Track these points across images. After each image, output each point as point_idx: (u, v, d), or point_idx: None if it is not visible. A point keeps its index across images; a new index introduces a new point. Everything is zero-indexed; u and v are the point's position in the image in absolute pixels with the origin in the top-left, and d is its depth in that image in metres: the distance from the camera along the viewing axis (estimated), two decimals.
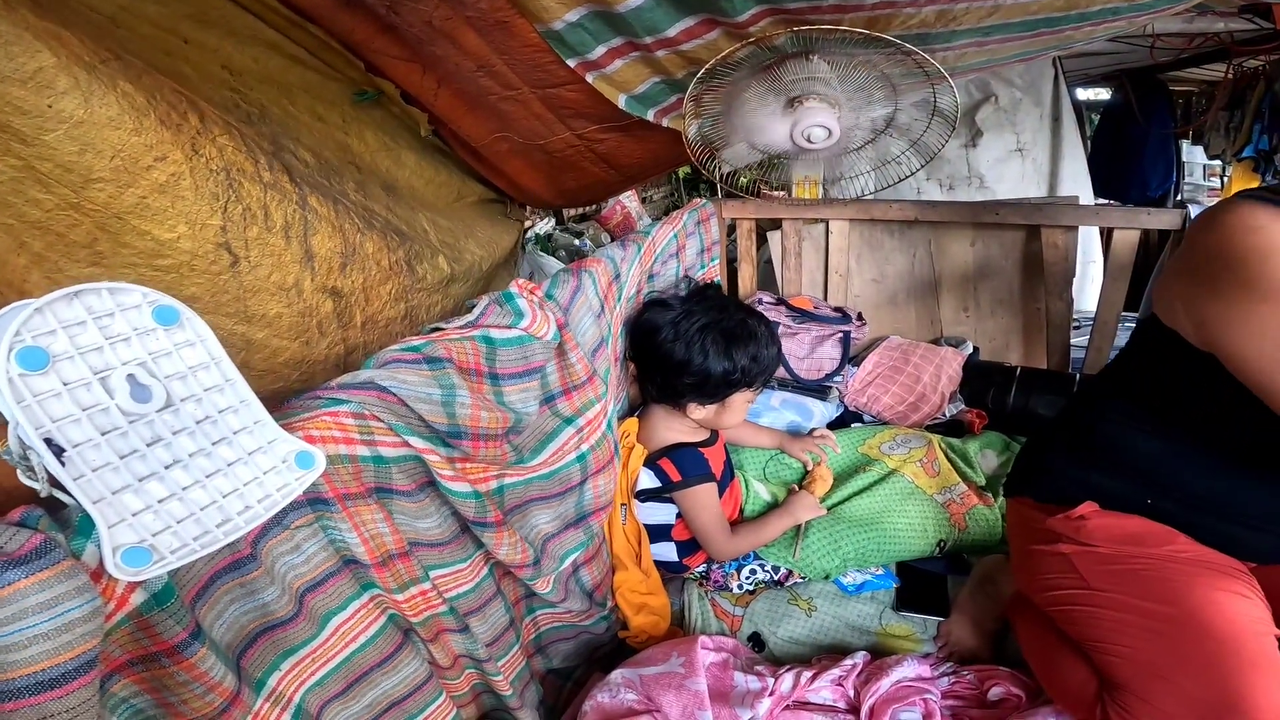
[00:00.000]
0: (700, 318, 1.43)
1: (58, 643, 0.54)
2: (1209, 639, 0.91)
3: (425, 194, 2.01)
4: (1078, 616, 1.04)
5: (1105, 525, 1.03)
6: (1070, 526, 1.05)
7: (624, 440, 1.48)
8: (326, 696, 0.91)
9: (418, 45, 1.64)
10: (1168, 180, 4.61)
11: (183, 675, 0.69)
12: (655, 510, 1.50)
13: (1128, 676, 0.96)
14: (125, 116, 1.04)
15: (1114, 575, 1.00)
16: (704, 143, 1.89)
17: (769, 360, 1.44)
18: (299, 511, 0.83)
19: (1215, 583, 0.95)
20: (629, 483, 1.47)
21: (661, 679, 1.17)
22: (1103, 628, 1.00)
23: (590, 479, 1.29)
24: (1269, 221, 0.81)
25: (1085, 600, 1.02)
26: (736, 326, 1.42)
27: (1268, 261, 0.80)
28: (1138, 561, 0.99)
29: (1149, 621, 0.95)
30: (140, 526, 0.60)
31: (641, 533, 1.50)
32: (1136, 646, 0.96)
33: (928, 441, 1.70)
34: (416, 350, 0.95)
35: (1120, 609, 0.98)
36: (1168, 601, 0.95)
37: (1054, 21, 1.51)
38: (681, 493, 1.44)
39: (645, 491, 1.48)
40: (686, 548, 1.51)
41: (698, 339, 1.40)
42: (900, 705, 1.14)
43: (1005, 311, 2.21)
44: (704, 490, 1.43)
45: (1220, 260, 0.85)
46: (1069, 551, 1.04)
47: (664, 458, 1.45)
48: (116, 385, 0.59)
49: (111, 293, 0.60)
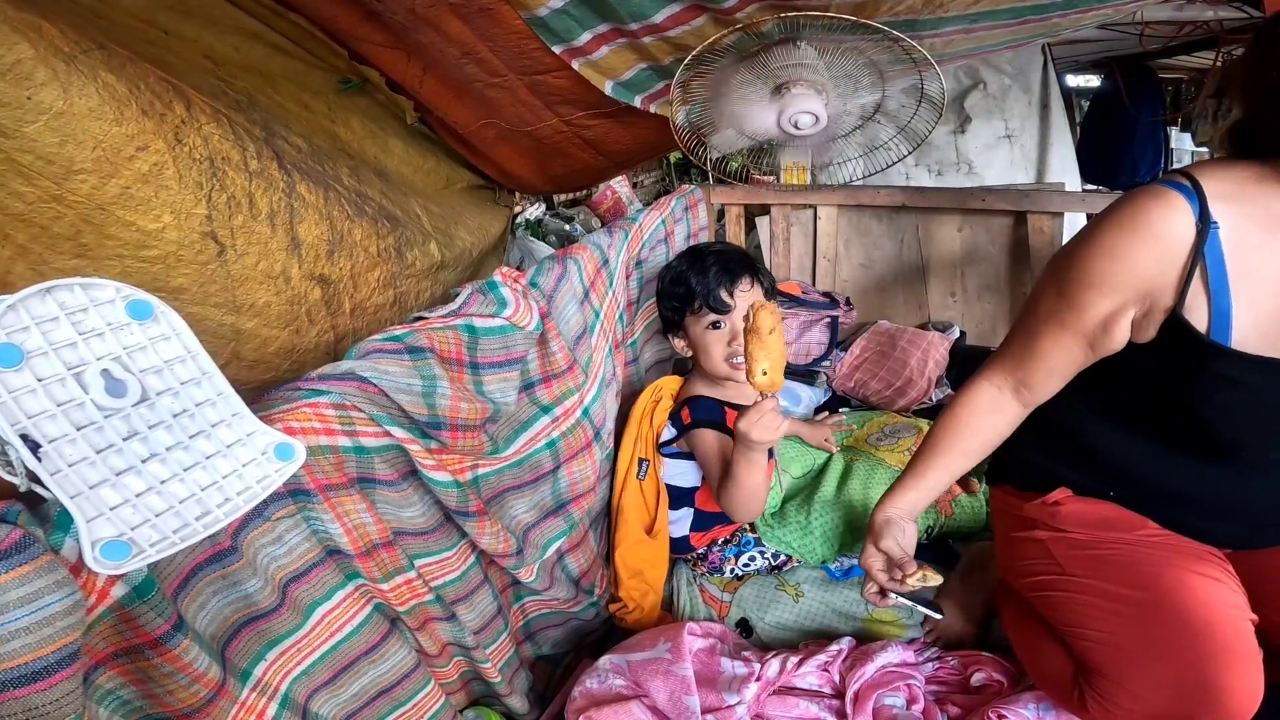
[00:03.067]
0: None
1: (39, 636, 0.55)
2: (1181, 623, 0.91)
3: (414, 181, 2.00)
4: (1054, 601, 1.05)
5: (1078, 511, 1.04)
6: (1045, 512, 1.06)
7: (655, 393, 1.52)
8: (314, 685, 0.92)
9: (402, 32, 1.62)
10: (1156, 167, 4.63)
11: (167, 667, 0.70)
12: (680, 470, 1.48)
13: (1102, 661, 0.97)
14: (106, 107, 1.03)
15: (1087, 560, 1.01)
16: (692, 129, 1.89)
17: (697, 280, 1.40)
18: (280, 503, 0.84)
19: (1187, 566, 0.95)
20: (653, 436, 1.47)
21: (649, 664, 1.18)
22: (1077, 613, 1.01)
23: (564, 465, 1.29)
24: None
25: (1060, 585, 1.03)
26: (680, 256, 1.50)
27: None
28: (1110, 547, 1.00)
29: (1121, 606, 0.96)
30: (118, 520, 0.60)
31: (661, 494, 1.48)
32: (1110, 631, 0.97)
33: (918, 430, 1.71)
34: (398, 340, 0.95)
35: (1093, 594, 0.99)
36: (1140, 586, 0.96)
37: (1041, 9, 1.51)
38: (689, 434, 1.42)
39: (666, 443, 1.48)
40: (702, 521, 1.48)
41: (658, 279, 1.52)
42: (885, 690, 1.16)
43: (992, 296, 2.22)
44: (709, 433, 1.39)
45: None
46: (1044, 537, 1.05)
47: (684, 406, 1.45)
48: (91, 380, 0.59)
49: (84, 288, 0.60)
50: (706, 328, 1.42)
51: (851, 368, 1.98)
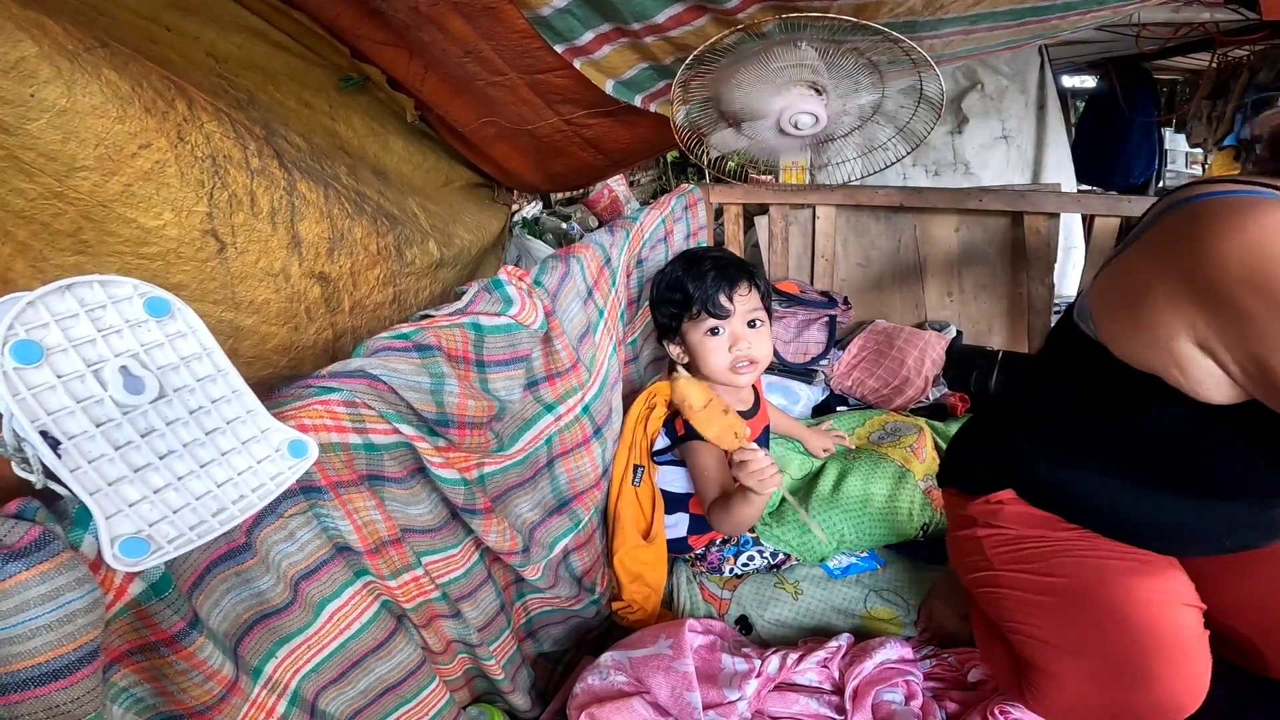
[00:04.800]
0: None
1: (61, 634, 0.55)
2: (1111, 614, 0.90)
3: (414, 179, 2.00)
4: (988, 598, 1.04)
5: (1020, 512, 1.01)
6: (987, 511, 1.04)
7: (649, 400, 1.49)
8: (322, 682, 0.93)
9: (404, 30, 1.62)
10: (1150, 168, 4.67)
11: (181, 664, 0.70)
12: (674, 476, 1.47)
13: (1036, 655, 0.97)
14: (109, 105, 1.03)
15: (1016, 556, 1.00)
16: (691, 128, 1.89)
17: (694, 286, 1.38)
18: (292, 500, 0.84)
19: (1119, 559, 0.93)
20: (648, 443, 1.46)
21: (650, 661, 1.18)
22: (1006, 608, 1.01)
23: (559, 460, 1.28)
24: None
25: (991, 582, 1.03)
26: (674, 261, 1.48)
27: None
28: (1041, 543, 0.98)
29: (1050, 599, 0.95)
30: (137, 517, 0.60)
31: (657, 500, 1.46)
32: (1040, 625, 0.96)
33: (919, 429, 1.72)
34: (406, 338, 0.95)
35: (1023, 588, 0.98)
36: (1067, 577, 0.95)
37: (1040, 10, 1.52)
38: (683, 446, 1.40)
39: (660, 452, 1.46)
40: (698, 524, 1.48)
41: (652, 285, 1.52)
42: (883, 686, 1.17)
43: (988, 296, 2.23)
44: (704, 448, 1.36)
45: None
46: (981, 535, 1.04)
47: (679, 416, 1.41)
48: (110, 377, 0.60)
49: (103, 285, 0.60)
50: (705, 334, 1.41)
51: (849, 366, 2.00)
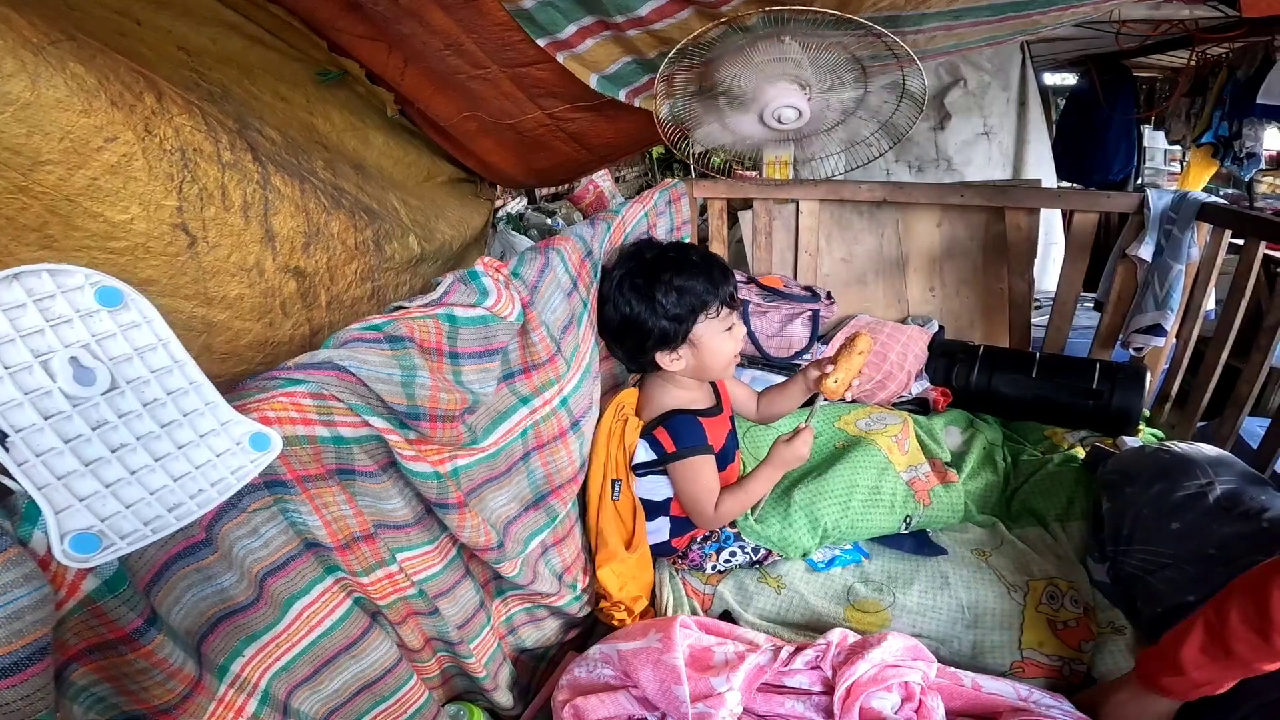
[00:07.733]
0: (618, 273, 1.40)
1: (8, 631, 0.53)
2: None
3: (394, 174, 1.98)
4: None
5: None
6: None
7: (619, 412, 1.43)
8: (294, 681, 0.91)
9: (383, 24, 1.60)
10: (1129, 164, 4.72)
11: (141, 663, 0.68)
12: (653, 485, 1.44)
13: None
14: (74, 98, 1.01)
15: None
16: (676, 123, 1.88)
17: (704, 283, 1.34)
18: (255, 494, 0.82)
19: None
20: (625, 457, 1.41)
21: (639, 654, 1.16)
22: None
23: (535, 453, 1.26)
24: None
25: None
26: (652, 265, 1.36)
27: None
28: None
29: None
30: (88, 512, 0.58)
31: (637, 509, 1.43)
32: None
33: (903, 420, 1.73)
34: (378, 329, 0.93)
35: None
36: None
37: (1021, 5, 1.52)
38: (675, 464, 1.37)
39: (642, 465, 1.42)
40: (680, 526, 1.46)
41: (620, 297, 1.38)
42: (877, 688, 1.11)
43: (970, 291, 2.24)
44: (699, 462, 1.35)
45: None
46: None
47: (660, 427, 1.38)
48: (59, 369, 0.58)
49: (52, 274, 0.58)
50: (725, 330, 1.37)
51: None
